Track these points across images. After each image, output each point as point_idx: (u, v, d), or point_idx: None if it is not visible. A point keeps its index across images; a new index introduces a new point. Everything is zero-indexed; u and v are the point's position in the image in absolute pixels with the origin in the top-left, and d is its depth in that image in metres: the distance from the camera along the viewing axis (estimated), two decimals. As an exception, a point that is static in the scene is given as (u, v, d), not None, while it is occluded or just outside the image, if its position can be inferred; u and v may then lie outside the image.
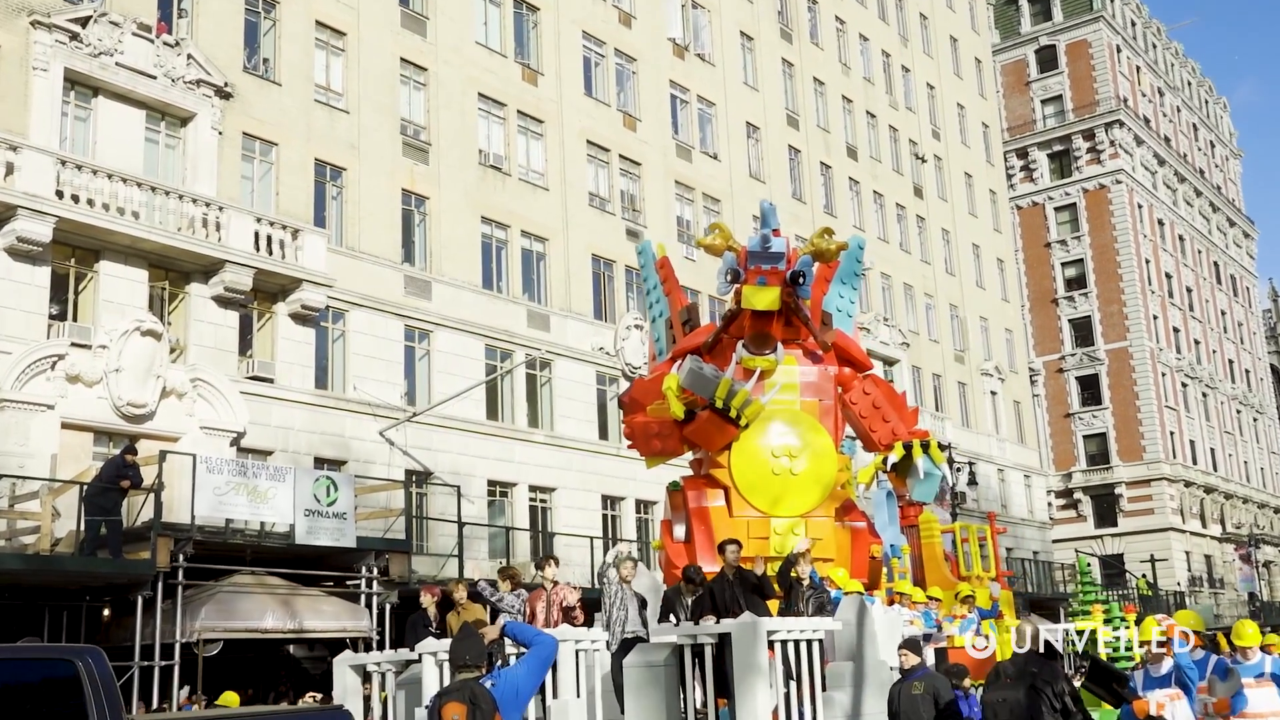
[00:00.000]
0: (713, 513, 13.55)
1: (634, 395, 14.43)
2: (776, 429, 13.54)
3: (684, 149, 39.91)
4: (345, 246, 28.91)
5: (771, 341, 13.66)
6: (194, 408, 24.35)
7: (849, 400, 14.36)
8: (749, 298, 13.17)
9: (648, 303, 15.77)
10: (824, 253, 13.85)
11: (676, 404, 13.18)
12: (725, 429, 13.28)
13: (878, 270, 48.35)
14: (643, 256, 15.76)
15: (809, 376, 13.94)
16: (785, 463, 13.46)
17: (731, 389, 13.07)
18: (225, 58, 27.15)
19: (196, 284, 25.33)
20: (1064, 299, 65.51)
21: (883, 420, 14.23)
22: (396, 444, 28.53)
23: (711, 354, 13.89)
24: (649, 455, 14.05)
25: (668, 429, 13.53)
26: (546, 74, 35.47)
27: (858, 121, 49.91)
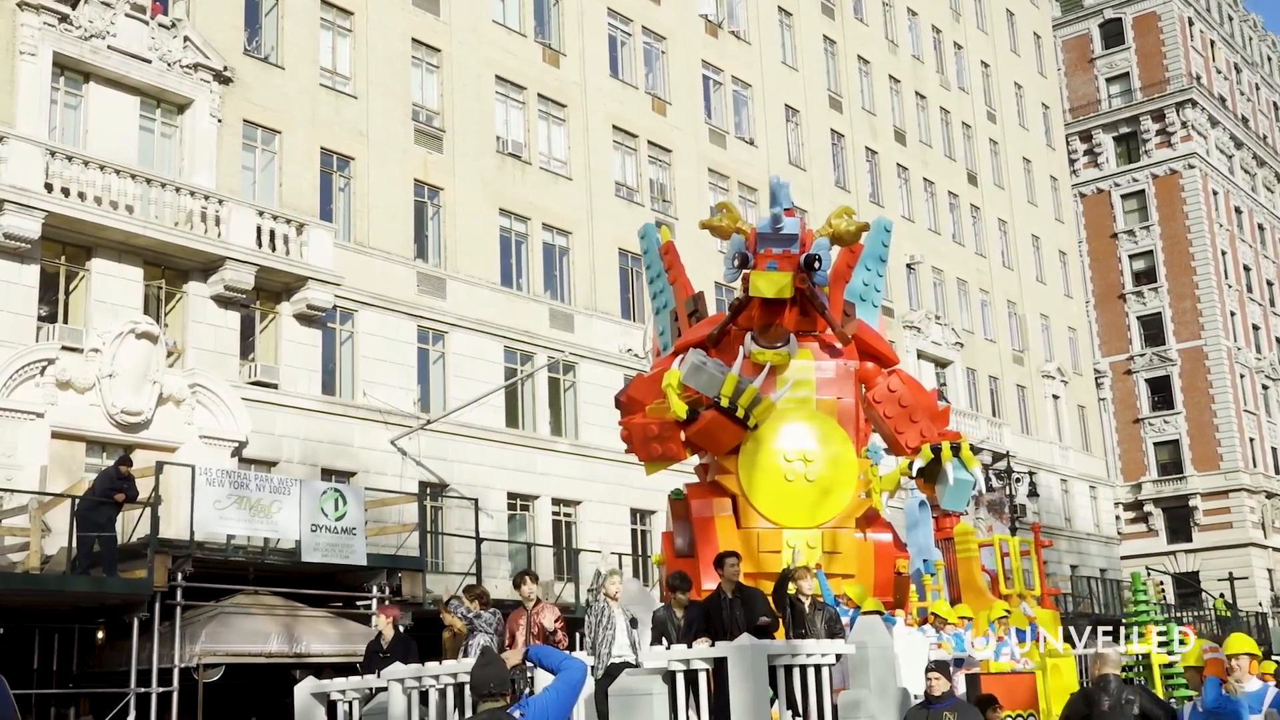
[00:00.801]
0: (718, 524, 13.11)
1: (631, 394, 14.10)
2: (789, 430, 13.14)
3: (717, 134, 39.86)
4: (354, 242, 29.02)
5: (783, 333, 13.26)
6: (192, 416, 24.48)
7: (872, 398, 14.01)
8: (757, 284, 12.82)
9: (651, 292, 15.44)
10: (843, 235, 13.53)
11: (677, 403, 12.84)
12: (732, 430, 12.92)
13: (929, 264, 48.19)
14: (645, 241, 15.39)
15: (826, 372, 13.55)
16: (799, 468, 13.04)
17: (738, 386, 12.72)
18: (224, 40, 27.31)
19: (195, 283, 25.48)
20: (1132, 294, 65.03)
21: (909, 420, 13.87)
22: (409, 454, 28.60)
23: (718, 347, 13.48)
24: (648, 460, 13.58)
25: (668, 431, 13.15)
26: (569, 54, 35.51)
27: (906, 103, 49.72)
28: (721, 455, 13.33)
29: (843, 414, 13.51)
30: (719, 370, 12.75)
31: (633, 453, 13.80)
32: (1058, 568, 50.39)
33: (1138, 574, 33.64)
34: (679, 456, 13.41)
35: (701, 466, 14.21)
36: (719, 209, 13.65)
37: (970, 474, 13.85)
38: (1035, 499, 47.18)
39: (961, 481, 13.52)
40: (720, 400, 12.72)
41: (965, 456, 13.88)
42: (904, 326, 45.91)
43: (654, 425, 13.24)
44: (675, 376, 12.86)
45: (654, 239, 15.33)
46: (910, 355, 46.12)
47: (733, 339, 13.49)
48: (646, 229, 15.49)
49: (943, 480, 13.57)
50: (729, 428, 12.90)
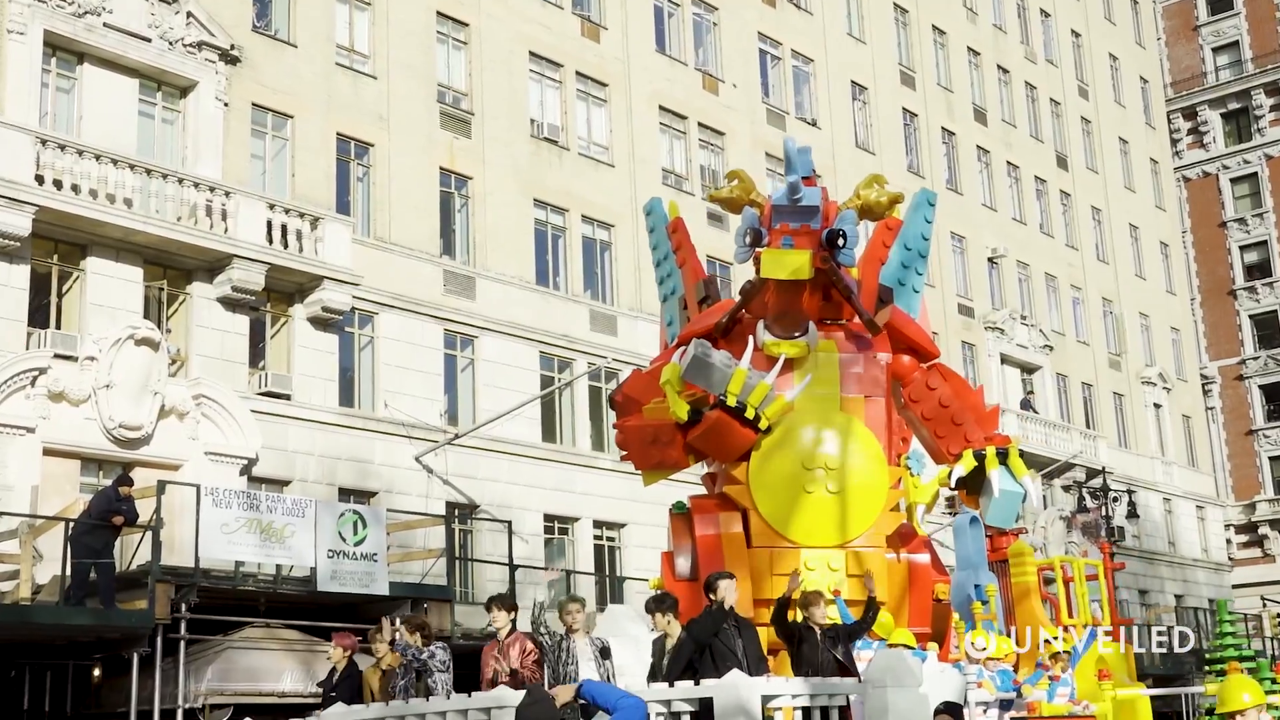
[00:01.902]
0: (725, 542, 12.49)
1: (628, 392, 13.50)
2: (809, 434, 12.53)
3: (776, 115, 39.75)
4: (373, 237, 29.13)
5: (802, 321, 12.67)
6: (197, 430, 24.64)
7: (909, 397, 13.23)
8: (770, 264, 12.16)
9: (657, 277, 14.83)
10: (873, 206, 12.87)
11: (678, 402, 12.33)
12: (741, 434, 12.35)
13: (1013, 258, 47.85)
14: (651, 218, 14.73)
15: (853, 366, 12.92)
16: (820, 477, 12.44)
17: (747, 382, 12.14)
18: (231, 16, 27.49)
19: (199, 283, 25.65)
20: (1243, 290, 64.22)
21: (952, 423, 13.00)
22: (435, 472, 28.66)
23: (727, 338, 12.86)
24: (646, 468, 13.11)
25: (668, 434, 12.61)
26: (610, 28, 35.52)
27: (987, 78, 49.40)
28: (729, 463, 12.83)
29: (872, 415, 12.93)
30: (726, 364, 12.20)
31: (629, 460, 13.25)
32: (1160, 597, 49.84)
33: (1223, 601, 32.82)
34: (681, 464, 12.95)
35: (709, 476, 13.64)
36: (730, 178, 13.04)
37: (1019, 485, 13.10)
38: (1135, 521, 46.70)
39: (1008, 494, 12.75)
40: (727, 399, 12.20)
41: (1014, 464, 13.03)
42: (986, 328, 45.60)
43: (652, 428, 12.76)
44: (675, 372, 12.34)
45: (661, 215, 14.71)
46: (993, 360, 45.80)
47: (744, 329, 12.90)
48: (653, 204, 14.88)
49: (987, 492, 12.81)
50: (737, 431, 12.39)
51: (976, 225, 46.74)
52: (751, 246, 12.50)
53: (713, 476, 13.44)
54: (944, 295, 44.25)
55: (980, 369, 45.28)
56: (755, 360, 12.44)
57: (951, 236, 45.54)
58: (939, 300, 44.01)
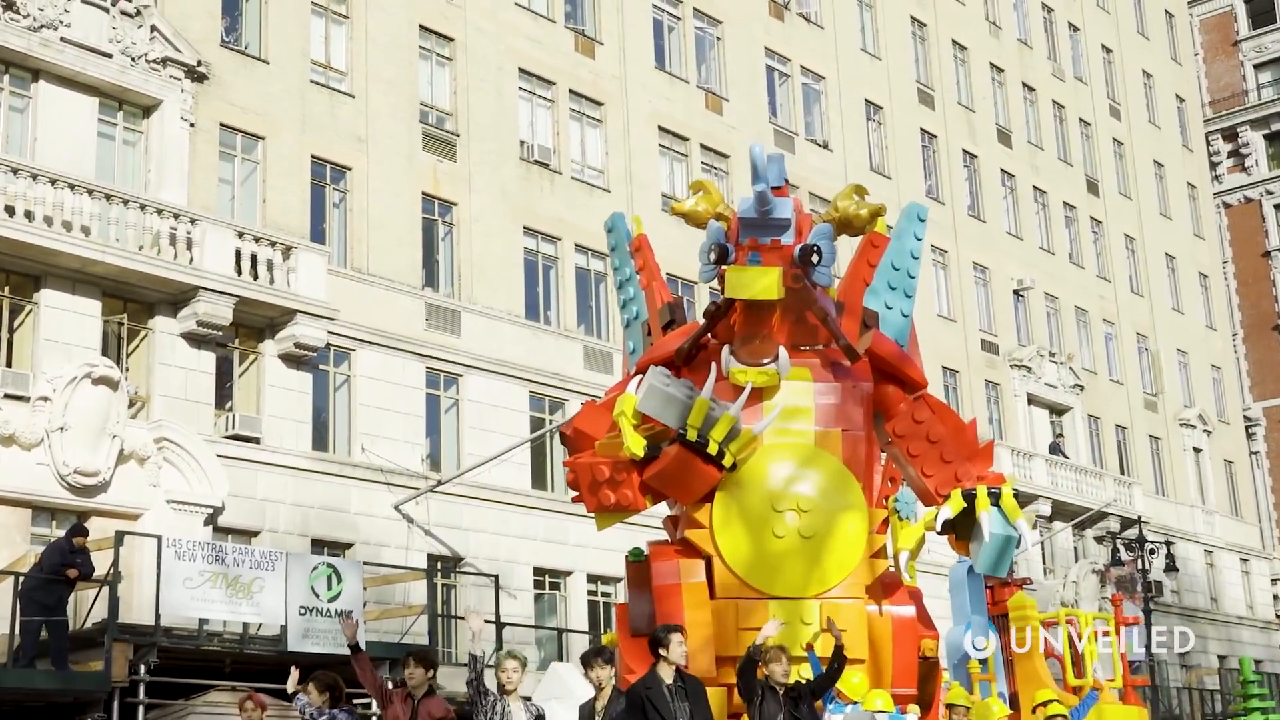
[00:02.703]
0: (685, 593, 12.15)
1: (580, 426, 13.14)
2: (779, 472, 12.19)
3: (785, 135, 39.90)
4: (350, 268, 29.18)
5: (771, 346, 12.35)
6: (159, 476, 24.59)
7: (893, 431, 12.94)
8: (734, 283, 11.88)
9: (620, 300, 14.57)
10: (851, 220, 12.61)
11: (633, 436, 11.91)
12: (702, 472, 12.01)
13: (1040, 290, 47.94)
14: (612, 236, 14.50)
15: (829, 396, 12.55)
16: (791, 520, 12.07)
17: (710, 414, 11.79)
18: (199, 29, 27.62)
19: (162, 318, 25.66)
20: (1289, 325, 64.30)
21: (941, 460, 12.62)
22: (416, 522, 28.61)
23: (689, 366, 12.53)
24: (598, 511, 12.55)
25: (623, 473, 12.14)
26: (606, 43, 35.70)
27: (1011, 97, 49.62)
28: (690, 504, 12.68)
29: (850, 451, 12.52)
30: (685, 394, 11.82)
31: (579, 501, 12.80)
32: (1202, 657, 49.67)
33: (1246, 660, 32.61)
34: (636, 506, 12.38)
35: (671, 519, 13.46)
36: (695, 189, 12.88)
37: (1013, 528, 12.70)
38: (1174, 574, 46.55)
39: (1000, 538, 12.33)
40: (687, 433, 11.83)
41: (1007, 506, 12.58)
42: (1011, 365, 45.63)
43: (605, 466, 12.25)
44: (630, 403, 11.94)
45: (623, 232, 14.51)
46: (1019, 400, 45.81)
47: (708, 355, 12.54)
48: (614, 220, 14.60)
49: (977, 536, 12.39)
50: (699, 469, 12.03)
51: (1001, 255, 46.85)
52: (716, 264, 12.23)
53: (675, 520, 13.14)
54: (966, 330, 44.32)
55: (1005, 410, 45.31)
56: (719, 390, 12.08)
57: (974, 267, 45.65)
58: (960, 336, 44.08)
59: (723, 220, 12.37)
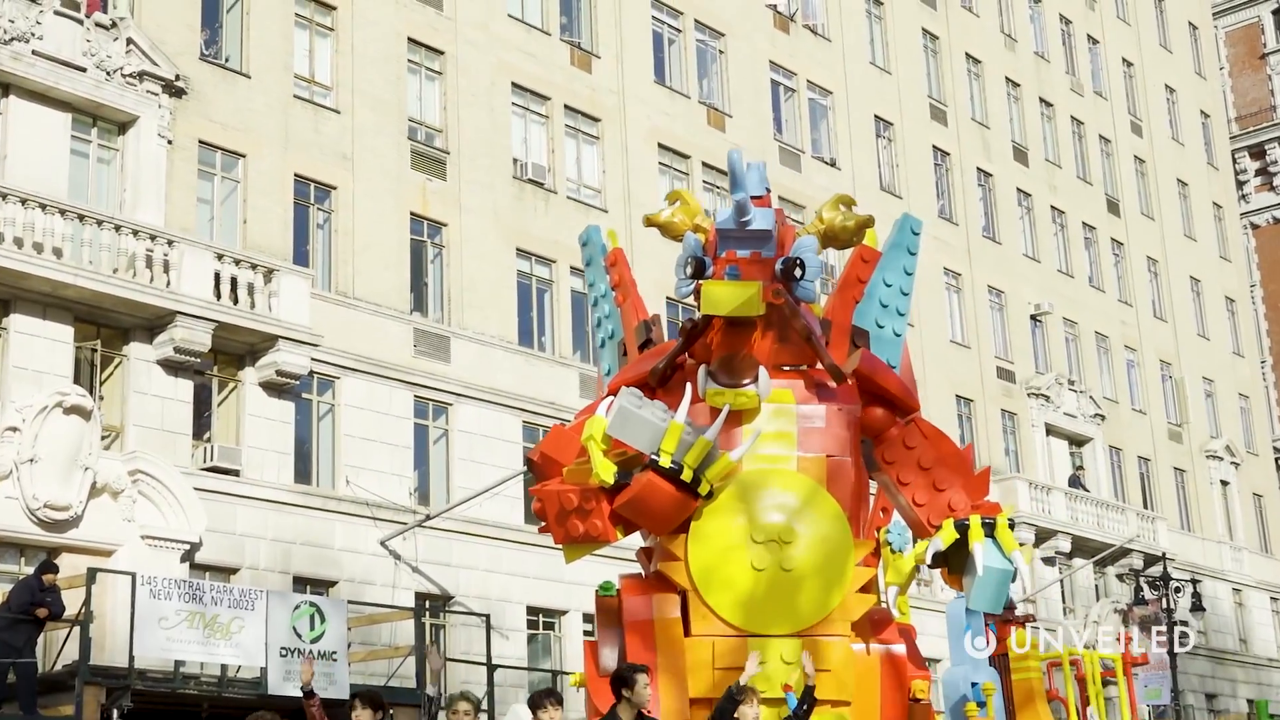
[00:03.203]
0: (659, 630, 11.97)
1: (547, 451, 12.98)
2: (759, 500, 11.97)
3: (790, 153, 40.02)
4: (335, 291, 29.23)
5: (751, 366, 12.14)
6: (133, 510, 24.58)
7: (883, 457, 12.79)
8: (712, 297, 11.61)
9: (594, 319, 14.43)
10: (837, 232, 12.43)
11: (603, 463, 11.64)
12: (677, 501, 11.75)
13: (1059, 316, 48.01)
14: (587, 249, 14.27)
15: (813, 420, 12.34)
16: (772, 552, 11.81)
17: (684, 438, 11.55)
18: (177, 42, 27.72)
19: (137, 344, 25.69)
20: (1321, 352, 64.37)
21: (933, 488, 12.47)
22: (404, 558, 28.59)
23: (665, 388, 12.33)
24: (566, 542, 12.25)
25: (591, 501, 11.88)
26: (603, 56, 35.82)
27: (1028, 113, 49.78)
28: (664, 535, 12.57)
29: (836, 478, 12.28)
30: (658, 417, 11.57)
31: (546, 532, 12.47)
32: (1231, 702, 49.59)
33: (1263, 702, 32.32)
34: (606, 538, 12.06)
35: (644, 550, 13.33)
36: (670, 199, 12.71)
37: (1009, 561, 12.50)
38: (1201, 614, 46.49)
39: (994, 572, 12.01)
40: (660, 459, 11.60)
41: (1002, 537, 12.33)
42: (1029, 395, 45.67)
43: (573, 494, 11.95)
44: (600, 427, 11.66)
45: (599, 246, 14.31)
46: (1037, 431, 45.82)
47: (686, 375, 12.33)
48: (589, 232, 14.28)
49: (970, 570, 12.16)
50: (673, 497, 11.75)
51: (1017, 278, 46.93)
52: (693, 279, 12.09)
53: (649, 552, 12.99)
54: (981, 357, 44.37)
55: (1022, 441, 45.32)
56: (695, 413, 11.87)
57: (989, 291, 45.73)
58: (974, 363, 44.14)
59: (701, 232, 12.20)
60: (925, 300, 42.64)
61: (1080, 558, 45.01)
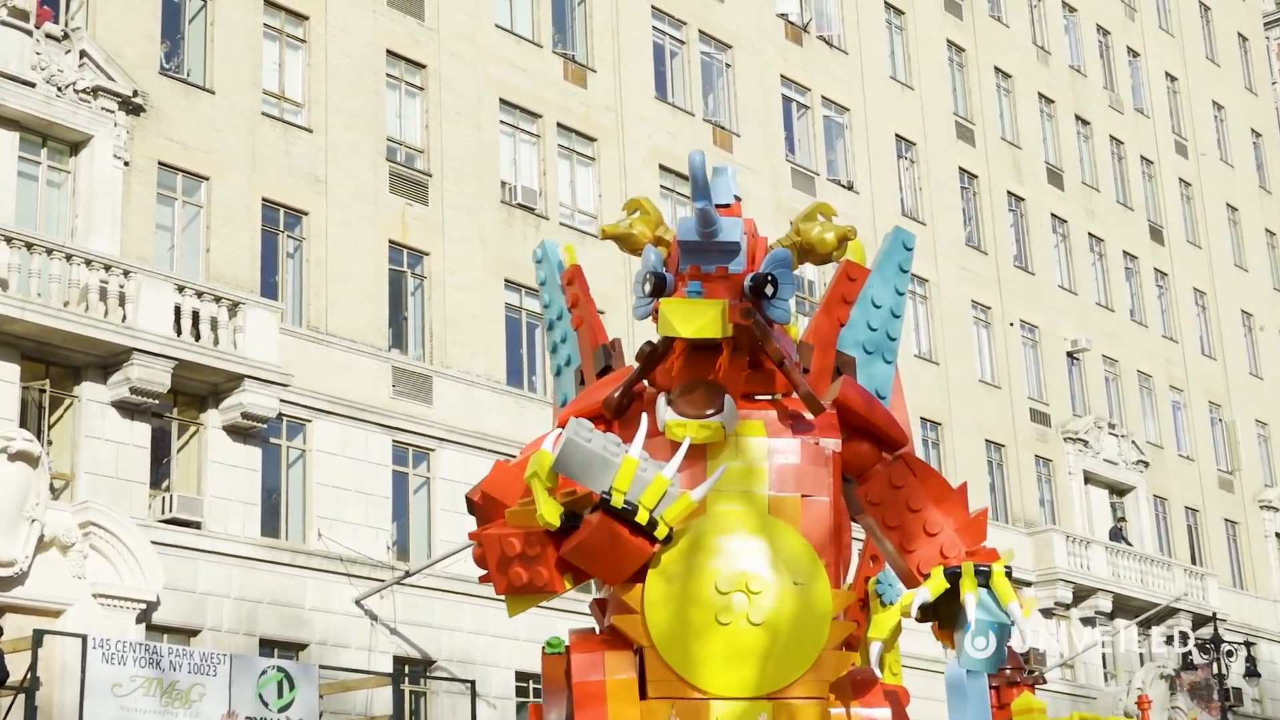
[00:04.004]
0: (611, 693, 11.42)
1: (489, 490, 12.61)
2: (725, 546, 11.83)
3: (803, 175, 40.08)
4: (306, 326, 29.24)
5: (716, 395, 12.20)
6: (84, 566, 24.51)
7: (867, 498, 12.48)
8: (670, 317, 11.16)
9: (549, 344, 14.04)
10: (815, 245, 12.16)
11: (548, 502, 11.42)
12: (631, 545, 11.47)
13: (1097, 353, 47.99)
14: (542, 267, 13.95)
15: (787, 455, 12.03)
16: (738, 604, 11.65)
17: (639, 475, 11.37)
18: (135, 55, 27.80)
19: (90, 384, 25.68)
20: (1384, 392, 64.35)
21: (924, 533, 12.26)
22: (381, 619, 28.51)
23: (621, 420, 12.49)
24: (509, 593, 12.31)
25: (536, 547, 11.94)
26: (600, 70, 35.93)
27: (1062, 131, 49.89)
28: (618, 585, 12.31)
29: (812, 521, 12.07)
30: (610, 451, 11.31)
31: (487, 581, 12.60)
32: (1289, 778, 49.37)
33: None
34: (552, 588, 11.35)
35: (598, 603, 13.08)
36: (630, 208, 12.44)
37: (1004, 615, 12.15)
38: (1255, 680, 46.37)
39: (987, 627, 12.17)
40: (612, 498, 11.57)
41: (999, 586, 12.06)
42: (1065, 439, 45.62)
43: (516, 539, 11.55)
44: (545, 462, 11.04)
45: (553, 262, 13.93)
46: (1075, 479, 45.78)
47: (645, 405, 12.52)
48: (544, 248, 13.90)
49: (962, 625, 12.28)
50: (626, 542, 11.50)
51: (1052, 312, 46.95)
52: (652, 297, 11.84)
53: (602, 604, 12.76)
54: (1013, 399, 44.35)
55: (1059, 490, 45.27)
56: (653, 447, 11.63)
57: (1021, 326, 45.75)
58: (1006, 405, 44.11)
59: (662, 245, 12.04)
60: (952, 336, 42.68)
61: (1123, 618, 44.87)
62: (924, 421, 41.04)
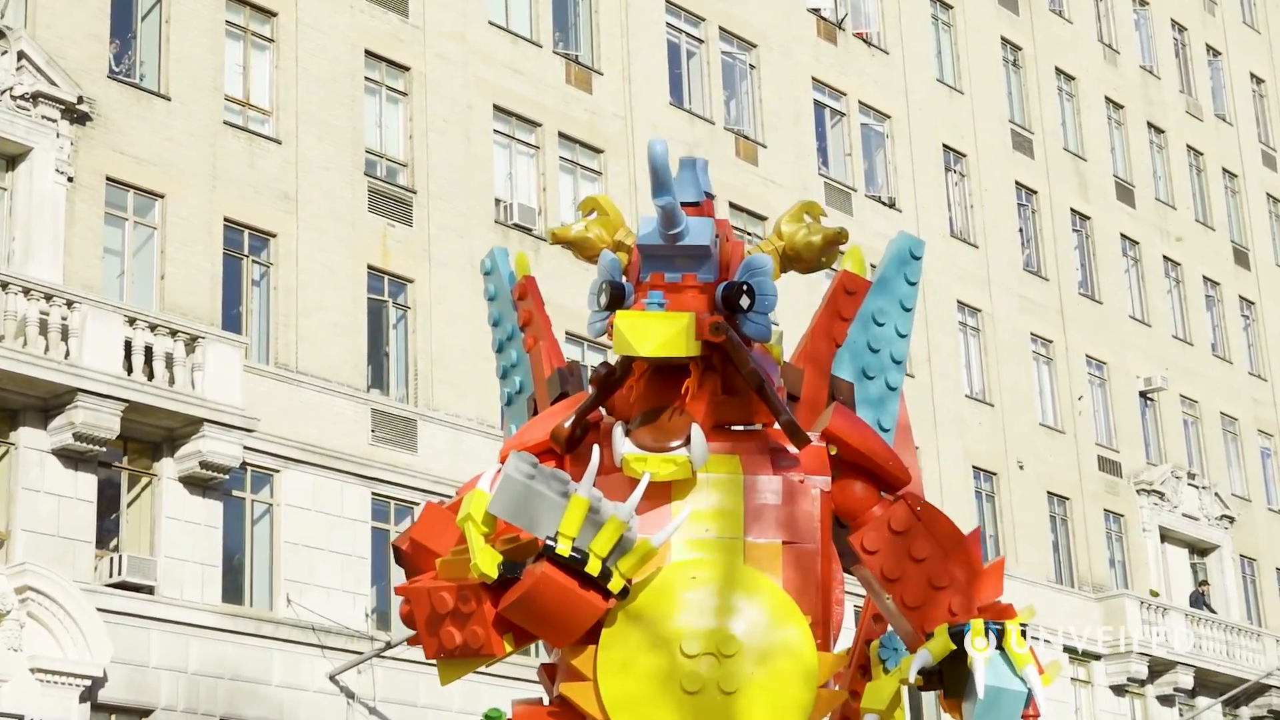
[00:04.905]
0: None
1: (418, 538, 12.31)
2: (692, 601, 11.71)
3: (839, 192, 40.09)
4: (274, 364, 29.26)
5: (683, 425, 11.84)
6: (21, 637, 24.48)
7: (863, 545, 12.12)
8: (627, 333, 10.86)
9: (499, 368, 13.78)
10: (800, 250, 11.81)
11: (484, 551, 11.11)
12: (581, 601, 11.15)
13: (1175, 393, 47.89)
14: (491, 280, 13.57)
15: (765, 495, 11.65)
16: (708, 669, 11.42)
17: (591, 518, 11.24)
18: (80, 57, 27.88)
19: (28, 429, 25.69)
20: None
21: (929, 585, 12.03)
22: (359, 697, 28.47)
23: (576, 454, 12.15)
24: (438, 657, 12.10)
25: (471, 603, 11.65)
26: (607, 72, 35.99)
27: (1133, 141, 49.87)
28: (567, 647, 12.02)
29: (796, 570, 11.82)
30: (556, 489, 11.06)
31: (417, 643, 12.27)
32: None
33: None
34: (490, 650, 11.03)
35: (547, 668, 12.79)
36: (585, 209, 12.12)
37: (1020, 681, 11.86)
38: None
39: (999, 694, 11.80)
40: (558, 544, 11.25)
41: (1011, 650, 11.87)
42: (1139, 491, 45.48)
43: (447, 593, 11.97)
44: (481, 503, 10.84)
45: (504, 274, 13.61)
46: (1150, 536, 45.63)
47: (600, 438, 12.17)
48: (494, 257, 13.42)
49: (970, 693, 12.02)
50: (575, 596, 11.16)
51: (1122, 347, 46.87)
52: (608, 310, 11.50)
53: (551, 670, 12.48)
54: (1078, 445, 44.24)
55: (1131, 549, 45.12)
56: (607, 485, 11.40)
57: (1088, 362, 45.68)
58: (1070, 452, 44.00)
59: (623, 251, 11.75)
60: (1009, 375, 42.64)
61: (1205, 696, 44.68)
62: (977, 471, 41.00)
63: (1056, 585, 41.92)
